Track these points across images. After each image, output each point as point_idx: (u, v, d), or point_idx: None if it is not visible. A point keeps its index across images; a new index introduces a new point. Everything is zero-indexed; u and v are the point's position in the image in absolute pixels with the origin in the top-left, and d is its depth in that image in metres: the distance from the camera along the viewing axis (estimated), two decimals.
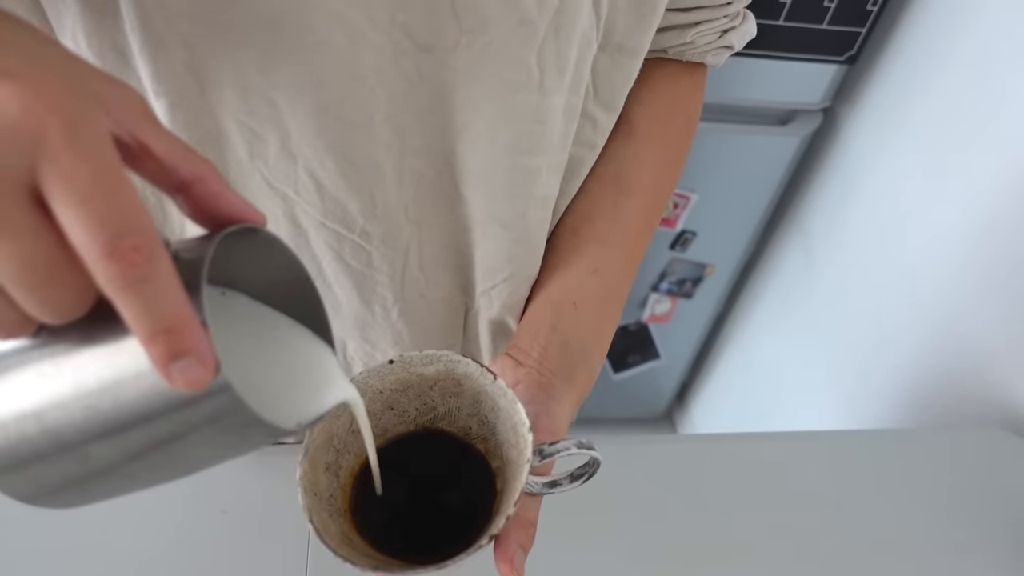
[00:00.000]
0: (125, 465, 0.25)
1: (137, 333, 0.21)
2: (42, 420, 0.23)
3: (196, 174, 0.24)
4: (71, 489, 0.26)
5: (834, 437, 0.75)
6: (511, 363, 0.43)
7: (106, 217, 0.20)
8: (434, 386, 0.39)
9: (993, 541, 0.63)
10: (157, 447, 0.24)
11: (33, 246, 0.20)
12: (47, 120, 0.20)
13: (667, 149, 0.52)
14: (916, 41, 1.02)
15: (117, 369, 0.23)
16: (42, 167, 0.20)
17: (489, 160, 0.43)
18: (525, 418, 0.35)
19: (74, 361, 0.23)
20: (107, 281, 0.21)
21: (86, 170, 0.20)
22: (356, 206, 0.43)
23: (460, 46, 0.37)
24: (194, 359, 0.21)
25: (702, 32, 0.49)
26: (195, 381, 0.22)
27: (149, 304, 0.21)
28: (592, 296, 0.47)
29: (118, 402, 0.23)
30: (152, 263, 0.21)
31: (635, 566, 0.57)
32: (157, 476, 0.26)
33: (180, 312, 0.21)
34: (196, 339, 0.22)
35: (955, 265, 0.95)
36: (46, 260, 0.21)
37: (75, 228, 0.20)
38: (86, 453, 0.24)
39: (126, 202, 0.21)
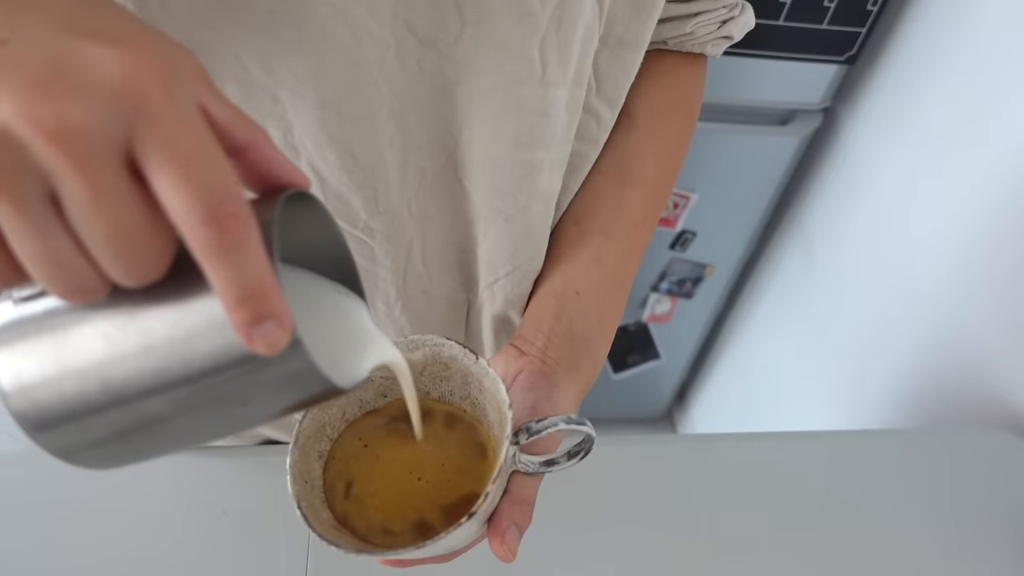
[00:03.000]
0: (181, 420, 0.25)
1: (224, 297, 0.21)
2: (104, 378, 0.24)
3: (250, 139, 0.24)
4: (121, 446, 0.26)
5: (834, 437, 0.75)
6: (515, 352, 0.43)
7: (206, 183, 0.20)
8: (423, 371, 0.40)
9: (993, 541, 0.63)
10: (217, 404, 0.25)
11: (126, 211, 0.21)
12: (149, 86, 0.20)
13: (668, 140, 0.53)
14: (916, 41, 1.02)
15: (187, 328, 0.23)
16: (141, 132, 0.20)
17: (492, 154, 0.43)
18: (506, 396, 0.35)
19: (141, 320, 0.23)
20: (203, 246, 0.21)
21: (187, 135, 0.21)
22: (359, 201, 0.43)
23: (463, 39, 0.38)
24: (275, 323, 0.22)
25: (702, 23, 0.49)
26: (274, 344, 0.22)
27: (239, 270, 0.21)
28: (595, 286, 0.47)
29: (186, 361, 0.23)
30: (246, 230, 0.21)
31: (635, 566, 0.57)
32: (211, 432, 0.27)
33: (266, 278, 0.22)
34: (278, 304, 0.22)
35: (955, 265, 0.95)
36: (137, 225, 0.21)
37: (174, 193, 0.20)
38: (145, 409, 0.24)
39: (223, 168, 0.21)
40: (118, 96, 0.20)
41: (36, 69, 0.20)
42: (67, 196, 0.20)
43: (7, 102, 0.19)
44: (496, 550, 0.35)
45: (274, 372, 0.24)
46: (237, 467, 0.58)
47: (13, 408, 0.24)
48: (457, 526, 0.32)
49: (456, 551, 0.38)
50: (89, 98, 0.20)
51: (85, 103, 0.20)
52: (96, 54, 0.20)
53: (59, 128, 0.19)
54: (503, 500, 0.36)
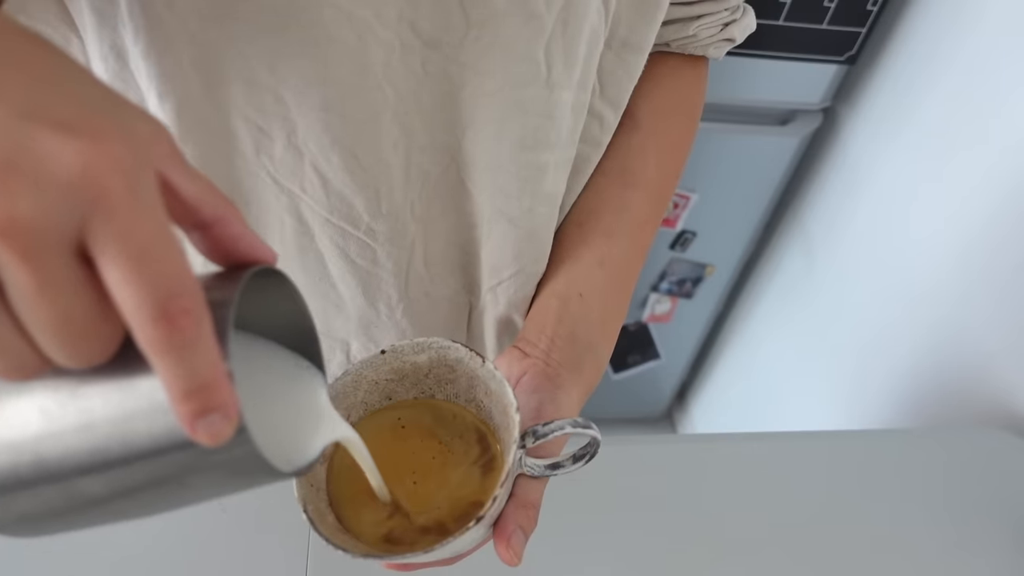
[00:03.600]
0: (116, 501, 0.24)
1: (169, 391, 0.21)
2: (39, 453, 0.23)
3: (218, 215, 0.23)
4: (50, 520, 0.25)
5: (834, 437, 0.75)
6: (518, 354, 0.43)
7: (159, 278, 0.20)
8: (428, 374, 0.39)
9: (993, 541, 0.63)
10: (155, 487, 0.24)
11: (73, 301, 0.20)
12: (107, 178, 0.20)
13: (671, 142, 0.53)
14: (916, 41, 1.02)
15: (129, 409, 0.23)
16: (95, 223, 0.20)
17: (496, 156, 0.43)
18: (513, 399, 0.35)
19: (81, 397, 0.23)
20: (150, 343, 0.20)
21: (142, 230, 0.20)
22: (362, 203, 0.43)
23: (468, 40, 0.38)
24: (220, 415, 0.21)
25: (704, 25, 0.49)
26: (218, 435, 0.21)
27: (187, 365, 0.21)
28: (599, 287, 0.47)
29: (126, 442, 0.23)
30: (197, 326, 0.21)
31: (635, 566, 0.57)
32: (144, 512, 0.26)
33: (215, 371, 0.21)
34: (225, 396, 0.21)
35: (955, 265, 0.95)
36: (84, 314, 0.20)
37: (124, 287, 0.20)
38: (79, 488, 0.24)
39: (177, 262, 0.21)
40: (74, 189, 0.19)
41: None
42: (12, 284, 0.20)
43: None
44: (502, 554, 0.34)
45: (217, 458, 0.23)
46: None
47: None
48: (465, 530, 0.31)
49: (461, 554, 0.38)
50: (42, 191, 0.19)
51: (37, 196, 0.19)
52: (53, 144, 0.19)
53: (6, 221, 0.19)
54: (509, 504, 0.36)
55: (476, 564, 0.41)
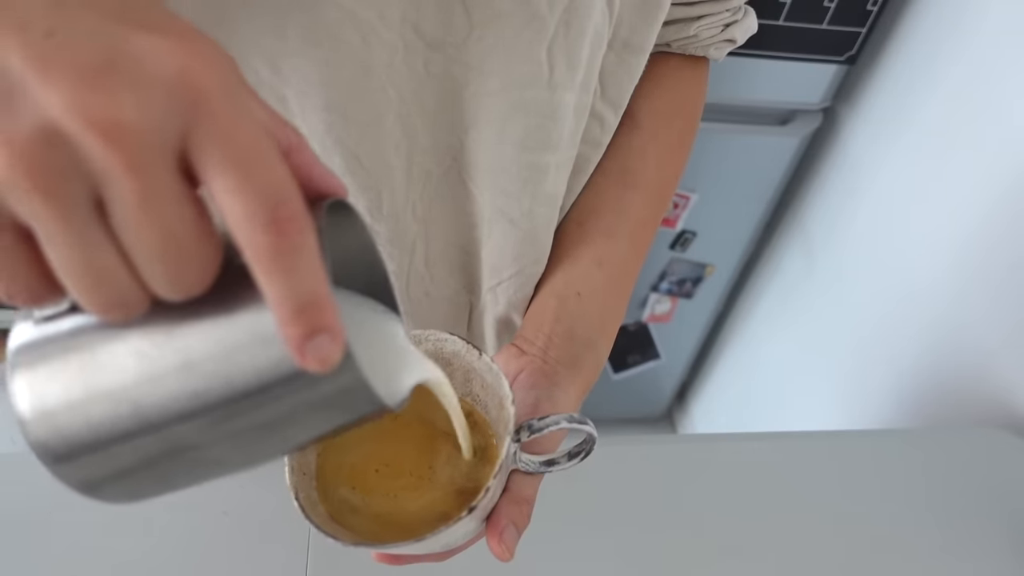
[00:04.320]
0: (218, 447, 0.23)
1: (278, 308, 0.20)
2: (138, 401, 0.22)
3: (293, 143, 0.23)
4: (149, 477, 0.24)
5: (833, 437, 0.75)
6: (515, 351, 0.43)
7: (266, 185, 0.19)
8: None
9: (992, 541, 0.63)
10: (258, 428, 0.23)
11: (177, 217, 0.19)
12: (206, 80, 0.19)
13: (671, 142, 0.53)
14: (916, 41, 1.02)
15: (229, 345, 0.21)
16: (198, 129, 0.19)
17: (497, 156, 0.43)
18: (508, 391, 0.34)
19: (177, 337, 0.22)
20: (261, 252, 0.19)
21: (245, 134, 0.19)
22: (363, 204, 0.43)
23: (470, 41, 0.38)
24: (328, 337, 0.20)
25: (705, 26, 0.49)
26: (327, 359, 0.20)
27: (296, 279, 0.20)
28: (597, 287, 0.47)
29: (229, 379, 0.22)
30: (305, 235, 0.20)
31: (634, 566, 0.57)
32: (245, 461, 0.25)
33: (322, 289, 0.20)
34: (332, 317, 0.20)
35: (955, 265, 0.95)
36: (187, 232, 0.19)
37: (232, 195, 0.19)
38: (181, 436, 0.22)
39: (282, 169, 0.20)
40: (175, 89, 0.19)
41: (86, 60, 0.18)
42: (116, 199, 0.19)
43: (56, 96, 0.18)
44: (494, 549, 0.34)
45: (323, 390, 0.22)
46: None
47: (33, 436, 0.22)
48: (457, 520, 0.31)
49: (453, 549, 0.37)
50: (144, 91, 0.18)
51: (140, 97, 0.18)
52: (150, 45, 0.19)
53: (113, 124, 0.18)
54: (502, 499, 0.36)
55: (473, 563, 0.41)
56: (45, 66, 0.18)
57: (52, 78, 0.18)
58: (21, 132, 0.18)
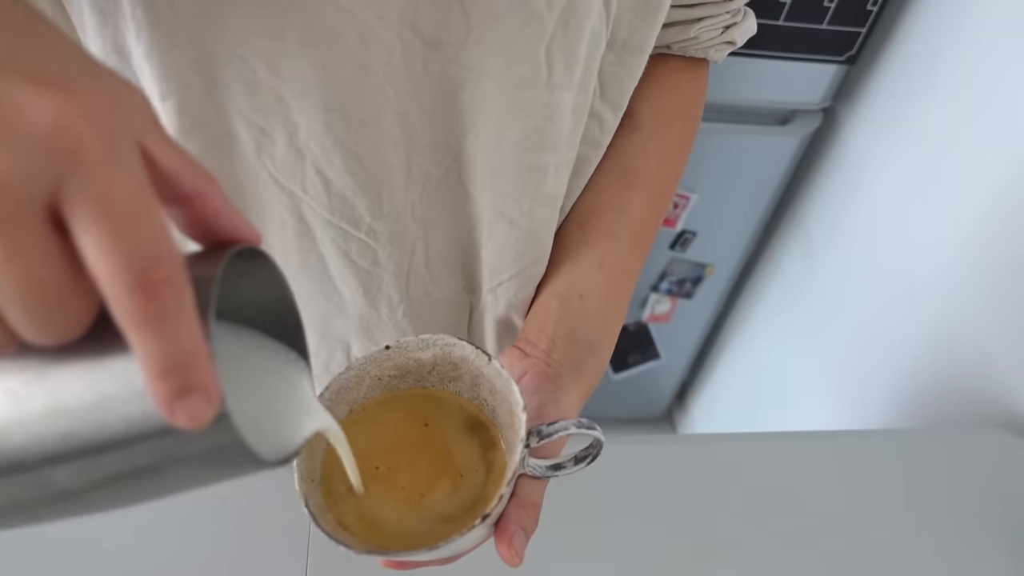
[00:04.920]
0: (87, 492, 0.23)
1: (145, 367, 0.20)
2: (2, 440, 0.21)
3: (199, 189, 0.22)
4: (15, 513, 0.24)
5: (833, 437, 0.75)
6: (518, 354, 0.43)
7: (137, 243, 0.19)
8: (432, 371, 0.39)
9: (992, 541, 0.63)
10: (129, 476, 0.23)
11: (43, 268, 0.19)
12: (84, 135, 0.18)
13: (671, 143, 0.53)
14: (916, 41, 1.02)
15: (102, 392, 0.21)
16: (69, 184, 0.18)
17: (497, 157, 0.43)
18: (519, 397, 0.34)
19: (50, 379, 0.21)
20: (128, 314, 0.19)
21: (120, 191, 0.19)
22: (363, 204, 0.43)
23: (468, 41, 0.38)
24: (200, 396, 0.20)
25: (705, 28, 0.49)
26: (198, 418, 0.20)
27: (166, 340, 0.19)
28: (599, 288, 0.47)
29: (98, 428, 0.21)
30: (178, 297, 0.19)
31: (635, 566, 0.57)
32: (117, 504, 0.24)
33: (196, 348, 0.20)
34: (206, 376, 0.20)
35: (955, 265, 0.95)
36: (54, 283, 0.19)
37: (100, 254, 0.19)
38: (47, 478, 0.22)
39: (158, 227, 0.19)
40: (48, 143, 0.18)
41: None
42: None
43: None
44: (503, 554, 0.34)
45: (196, 445, 0.22)
46: None
47: None
48: (470, 528, 0.31)
49: (460, 554, 0.38)
50: (13, 146, 0.18)
51: (9, 151, 0.18)
52: (28, 97, 0.18)
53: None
54: (510, 504, 0.36)
55: (475, 564, 0.41)
56: None
57: None
58: None
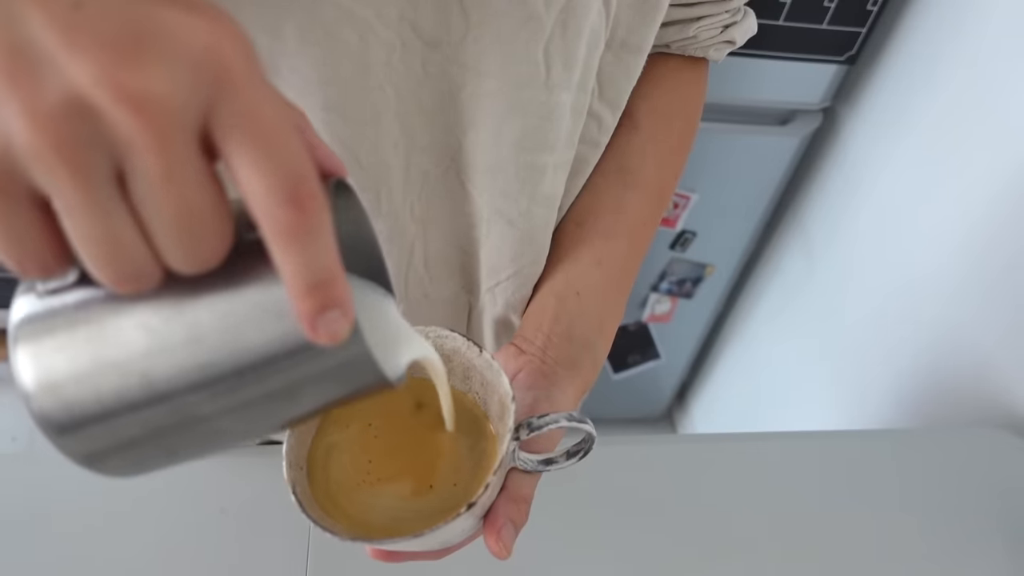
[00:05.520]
0: (221, 416, 0.24)
1: (292, 283, 0.20)
2: (146, 373, 0.22)
3: (299, 123, 0.23)
4: (155, 448, 0.24)
5: (833, 437, 0.75)
6: (514, 351, 0.43)
7: (287, 162, 0.19)
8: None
9: (991, 541, 0.63)
10: (263, 399, 0.23)
11: (198, 192, 0.19)
12: (232, 57, 0.19)
13: (670, 142, 0.53)
14: (916, 41, 1.02)
15: (238, 318, 0.22)
16: (221, 105, 0.19)
17: (495, 157, 0.43)
18: (509, 388, 0.34)
19: (187, 311, 0.22)
20: (280, 228, 0.20)
21: (267, 111, 0.20)
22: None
23: (467, 40, 0.38)
24: (339, 312, 0.21)
25: (704, 27, 0.49)
26: (337, 334, 0.21)
27: (312, 256, 0.20)
28: (596, 287, 0.47)
29: (237, 352, 0.22)
30: (323, 213, 0.20)
31: (635, 566, 0.57)
32: (247, 431, 0.25)
33: (336, 264, 0.21)
34: (344, 292, 0.21)
35: (954, 265, 0.95)
36: (205, 207, 0.20)
37: (254, 171, 0.19)
38: (187, 406, 0.23)
39: (300, 147, 0.20)
40: (201, 65, 0.19)
41: (115, 32, 0.18)
42: (138, 173, 0.19)
43: (84, 67, 0.18)
44: (491, 547, 0.34)
45: (329, 362, 0.23)
46: (237, 466, 0.58)
47: (37, 408, 0.22)
48: (455, 517, 0.31)
49: (450, 547, 0.37)
50: (172, 66, 0.18)
51: (168, 72, 0.18)
52: (177, 20, 0.19)
53: (141, 98, 0.18)
54: (500, 497, 0.36)
55: (473, 562, 0.41)
56: (73, 37, 0.18)
57: (80, 49, 0.18)
58: (47, 102, 0.18)
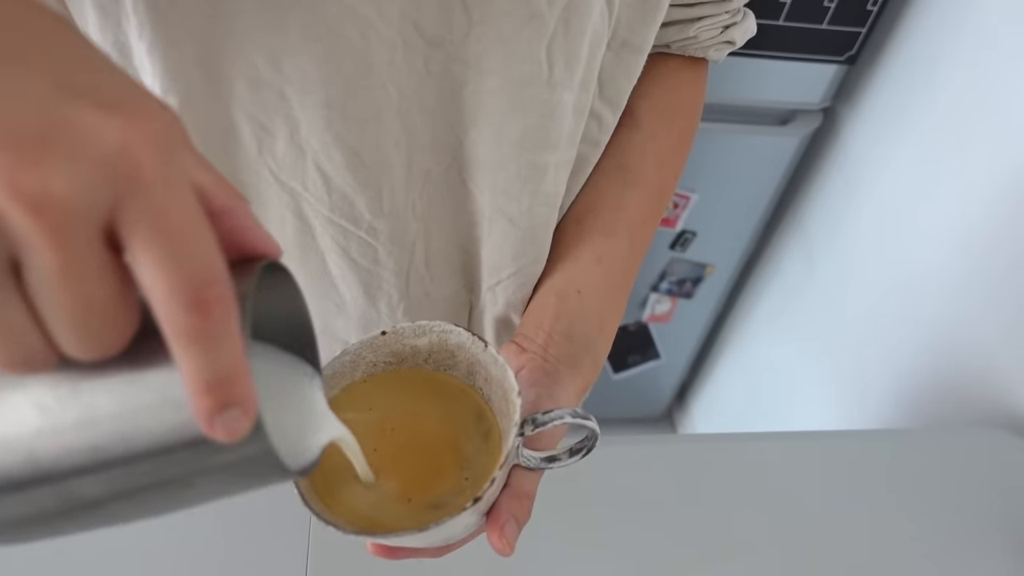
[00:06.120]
0: (114, 503, 0.23)
1: (190, 382, 0.20)
2: (33, 452, 0.22)
3: (229, 205, 0.23)
4: (39, 526, 0.24)
5: (833, 437, 0.75)
6: (515, 349, 0.43)
7: (194, 263, 0.19)
8: (428, 358, 0.39)
9: (991, 541, 0.63)
10: (157, 487, 0.23)
11: (96, 286, 0.19)
12: (146, 156, 0.19)
13: (671, 141, 0.53)
14: (916, 41, 1.02)
15: (135, 404, 0.21)
16: (129, 204, 0.19)
17: (497, 155, 0.43)
18: (515, 383, 0.34)
19: (83, 394, 0.21)
20: (179, 331, 0.19)
21: (178, 211, 0.19)
22: (363, 201, 0.43)
23: (470, 39, 0.38)
24: (240, 410, 0.21)
25: (704, 27, 0.49)
26: (236, 431, 0.21)
27: (213, 356, 0.20)
28: (596, 285, 0.47)
29: (130, 439, 0.22)
30: (228, 315, 0.20)
31: (635, 566, 0.57)
32: (140, 515, 0.25)
33: (239, 364, 0.20)
34: (246, 390, 0.21)
35: (954, 265, 0.95)
36: (105, 301, 0.19)
37: (158, 273, 0.19)
38: (75, 490, 0.22)
39: (212, 247, 0.20)
40: (111, 165, 0.19)
41: (23, 130, 0.18)
42: (33, 266, 0.18)
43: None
44: (494, 543, 0.34)
45: (227, 457, 0.22)
46: None
47: None
48: (461, 511, 0.31)
49: (451, 544, 0.37)
50: (79, 167, 0.18)
51: (73, 172, 0.18)
52: (90, 119, 0.19)
53: (39, 197, 0.18)
54: (503, 494, 0.35)
55: (474, 561, 0.41)
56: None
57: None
58: None
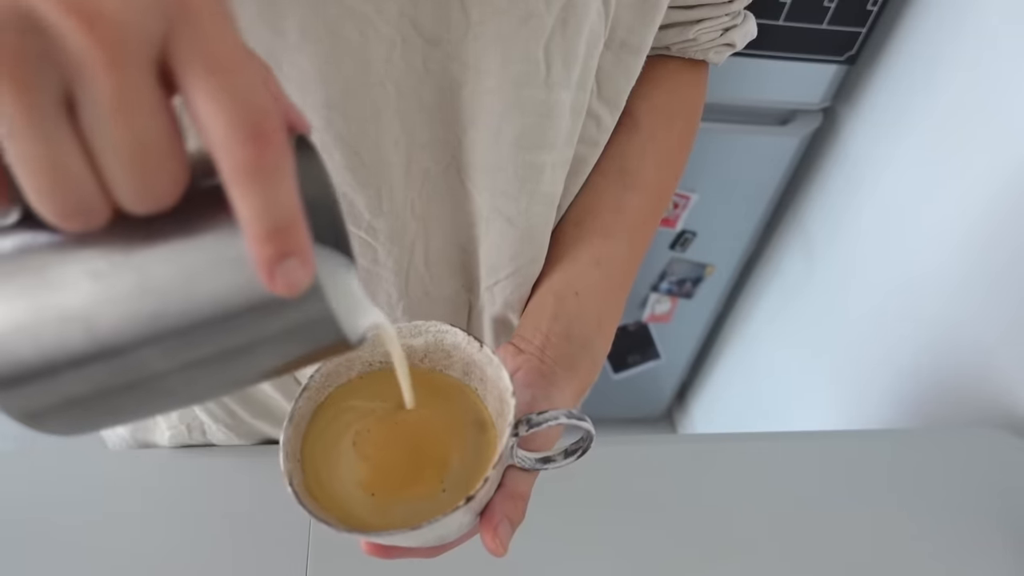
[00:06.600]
0: (170, 374, 0.22)
1: (250, 227, 0.19)
2: (90, 322, 0.20)
3: (265, 66, 0.22)
4: (94, 404, 0.22)
5: (833, 437, 0.75)
6: (512, 350, 0.43)
7: (250, 95, 0.18)
8: (424, 358, 0.39)
9: (991, 541, 0.63)
10: (216, 356, 0.22)
11: (152, 121, 0.18)
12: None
13: (670, 143, 0.53)
14: (916, 41, 1.02)
15: (192, 266, 0.20)
16: (182, 34, 0.18)
17: (495, 155, 0.43)
18: (509, 384, 0.34)
19: (137, 256, 0.20)
20: (239, 167, 0.18)
21: (228, 44, 0.18)
22: (363, 201, 0.43)
23: (468, 38, 0.38)
24: (299, 260, 0.19)
25: (704, 29, 0.49)
26: (295, 284, 0.20)
27: (272, 197, 0.19)
28: (595, 287, 0.47)
29: (190, 303, 0.21)
30: (285, 152, 0.19)
31: (635, 566, 0.57)
32: (195, 392, 0.24)
33: (296, 210, 0.19)
34: (305, 240, 0.20)
35: (955, 264, 0.95)
36: (160, 139, 0.18)
37: (215, 104, 0.18)
38: (134, 361, 0.21)
39: (262, 83, 0.19)
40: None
41: None
42: (89, 96, 0.17)
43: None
44: (488, 543, 0.34)
45: (287, 318, 0.21)
46: (237, 467, 0.58)
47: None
48: (454, 510, 0.31)
49: (445, 544, 0.37)
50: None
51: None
52: None
53: (95, 14, 0.17)
54: (497, 494, 0.36)
55: (472, 561, 0.41)
56: None
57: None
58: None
